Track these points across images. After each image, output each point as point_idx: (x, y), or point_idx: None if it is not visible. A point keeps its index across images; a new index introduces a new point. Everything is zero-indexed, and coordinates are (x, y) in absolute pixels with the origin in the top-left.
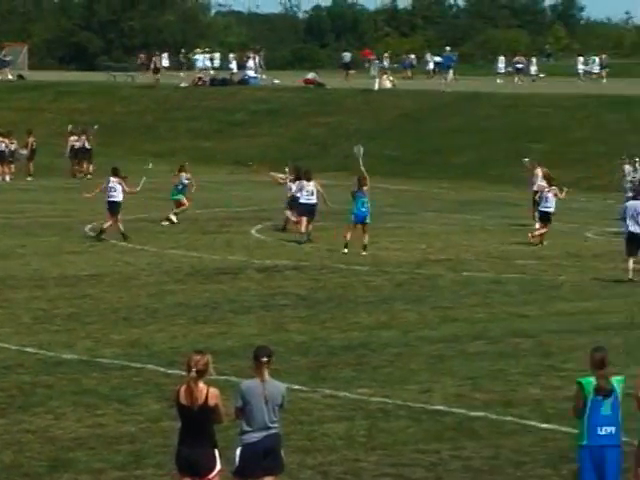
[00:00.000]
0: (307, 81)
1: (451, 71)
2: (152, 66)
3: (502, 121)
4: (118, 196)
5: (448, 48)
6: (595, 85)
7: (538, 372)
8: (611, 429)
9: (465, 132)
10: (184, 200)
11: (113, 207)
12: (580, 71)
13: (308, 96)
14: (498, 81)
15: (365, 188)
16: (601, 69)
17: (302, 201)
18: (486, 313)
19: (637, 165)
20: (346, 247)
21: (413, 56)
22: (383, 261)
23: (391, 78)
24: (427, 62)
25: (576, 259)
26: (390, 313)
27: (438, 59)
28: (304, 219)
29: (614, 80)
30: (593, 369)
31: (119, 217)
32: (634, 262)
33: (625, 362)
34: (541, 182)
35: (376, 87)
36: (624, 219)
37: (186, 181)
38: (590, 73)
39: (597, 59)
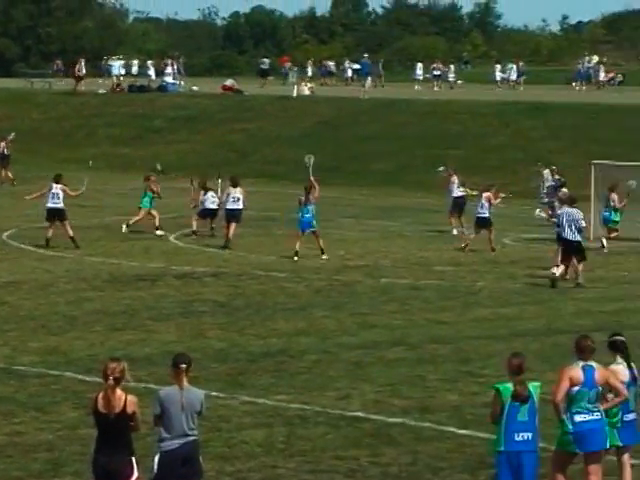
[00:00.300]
0: (225, 88)
1: (369, 78)
2: (76, 72)
3: (420, 128)
4: (60, 203)
5: (366, 55)
6: (512, 92)
7: (456, 378)
8: (528, 435)
9: (383, 139)
10: (144, 212)
11: (54, 214)
12: (498, 78)
13: (227, 103)
14: (416, 88)
15: (311, 197)
16: (518, 76)
17: (228, 207)
18: (405, 319)
19: (554, 173)
20: (296, 255)
21: (332, 63)
22: (301, 267)
23: (309, 85)
24: (345, 69)
25: (494, 265)
26: (309, 320)
27: (356, 66)
28: (232, 225)
29: (531, 87)
30: (510, 375)
31: (68, 223)
32: (567, 266)
33: (542, 368)
34: (458, 189)
35: (294, 94)
36: (558, 225)
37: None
38: (507, 80)
39: (514, 66)
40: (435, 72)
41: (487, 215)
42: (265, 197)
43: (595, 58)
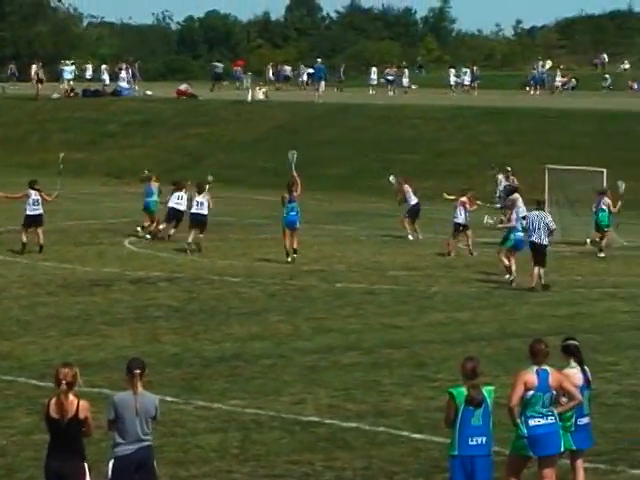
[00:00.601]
0: (180, 92)
1: (323, 82)
2: (36, 76)
3: (374, 132)
4: (40, 209)
5: (319, 60)
6: (467, 97)
7: (411, 382)
8: (482, 439)
9: (338, 143)
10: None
11: (35, 220)
12: (452, 83)
13: (181, 107)
14: (370, 92)
15: (295, 194)
16: (472, 81)
17: (193, 211)
18: (359, 324)
19: (509, 175)
20: (288, 255)
21: (288, 67)
22: (256, 272)
23: (264, 89)
24: (300, 74)
25: (448, 270)
26: (263, 324)
27: (311, 70)
28: (196, 230)
29: (485, 92)
30: (464, 379)
31: (42, 229)
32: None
33: (496, 372)
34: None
35: (249, 98)
36: (526, 230)
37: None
38: (461, 85)
39: (468, 71)
40: (389, 77)
41: (462, 221)
42: (219, 202)
43: (549, 63)
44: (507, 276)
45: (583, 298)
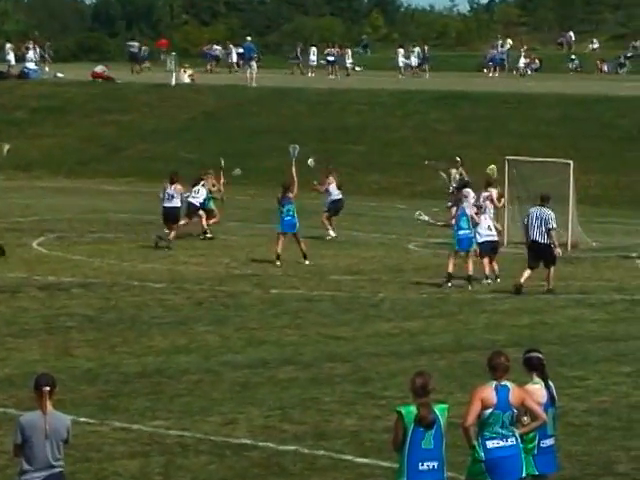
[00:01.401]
0: (95, 75)
1: (254, 63)
2: None
3: (314, 120)
4: None
5: (249, 38)
6: (417, 80)
7: (354, 400)
8: (433, 464)
9: (272, 132)
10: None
11: None
12: (400, 64)
13: (97, 92)
14: (310, 75)
15: (291, 194)
16: (423, 62)
17: (163, 205)
18: (297, 335)
19: (459, 166)
20: (278, 259)
21: (217, 47)
22: (181, 277)
23: (189, 72)
24: (230, 54)
25: (397, 274)
26: (189, 335)
27: (241, 50)
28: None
29: (438, 74)
30: (414, 397)
31: None
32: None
33: (450, 388)
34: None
35: (173, 82)
36: (527, 227)
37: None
38: (411, 66)
39: (417, 51)
40: (330, 57)
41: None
42: (140, 198)
43: (509, 42)
44: (449, 284)
45: (547, 305)
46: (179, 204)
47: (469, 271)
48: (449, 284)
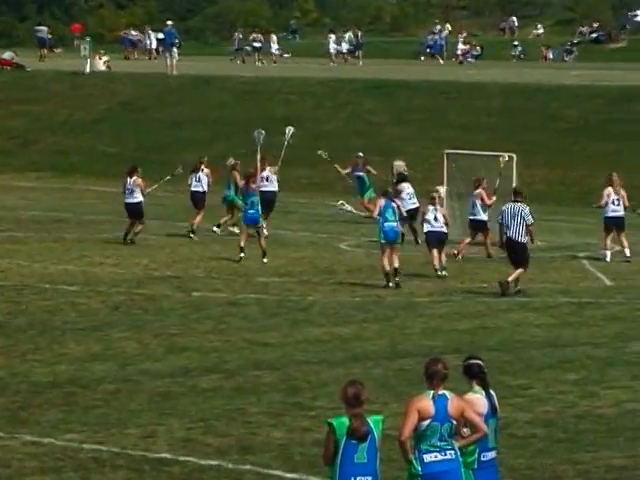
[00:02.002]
0: (3, 62)
1: (175, 49)
2: None
3: (239, 110)
4: None
5: (170, 22)
6: (350, 67)
7: (283, 411)
8: (367, 479)
9: (195, 123)
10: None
11: None
12: (332, 50)
13: (4, 80)
14: (238, 62)
15: (254, 185)
16: (356, 48)
17: (125, 200)
18: (221, 341)
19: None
20: (242, 252)
21: (134, 32)
22: (96, 279)
23: (105, 59)
24: (149, 40)
25: (328, 276)
26: (105, 342)
27: (161, 36)
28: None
29: (372, 61)
30: (346, 407)
31: None
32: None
33: (385, 398)
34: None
35: (87, 69)
36: (501, 225)
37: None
38: (343, 53)
39: (347, 36)
40: (255, 43)
41: (483, 218)
42: (52, 194)
43: (448, 27)
44: (390, 284)
45: (488, 309)
46: (141, 198)
47: (395, 264)
48: (390, 284)
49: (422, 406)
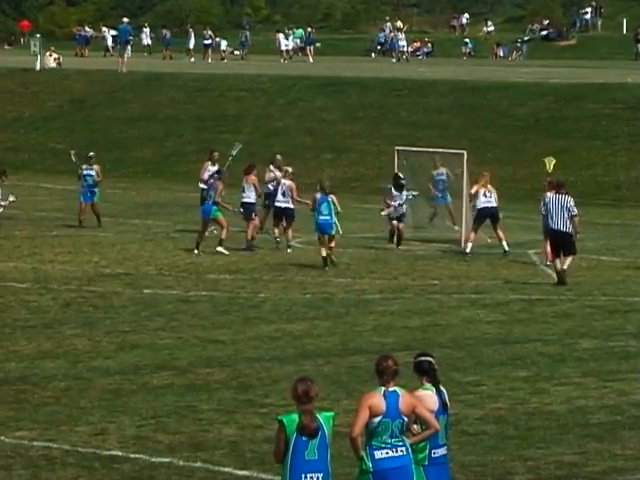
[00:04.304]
0: None
1: (129, 47)
2: None
3: (190, 107)
4: None
5: (125, 19)
6: (301, 65)
7: (234, 408)
8: (317, 475)
9: (146, 121)
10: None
11: None
12: (283, 48)
13: None
14: (192, 60)
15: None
16: (307, 45)
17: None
18: (172, 338)
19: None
20: (197, 248)
21: (89, 29)
22: (47, 276)
23: (56, 55)
24: (104, 37)
25: (278, 273)
26: (56, 339)
27: (114, 32)
28: None
29: (323, 59)
30: (297, 404)
31: None
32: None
33: (337, 395)
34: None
35: (38, 66)
36: (545, 216)
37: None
38: (294, 50)
39: (301, 32)
40: (206, 41)
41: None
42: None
43: (399, 24)
44: (326, 267)
45: (439, 306)
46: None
47: (326, 253)
48: (327, 268)
49: (373, 403)
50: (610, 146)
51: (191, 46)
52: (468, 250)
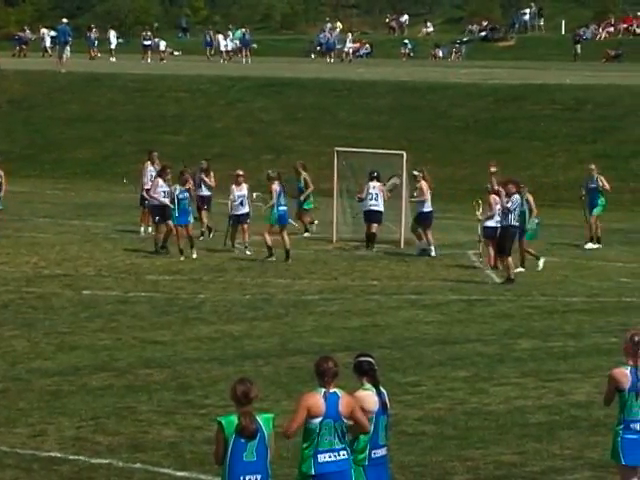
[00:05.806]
0: None
1: (68, 48)
2: None
3: (129, 108)
4: None
5: (65, 20)
6: (241, 66)
7: (173, 409)
8: (256, 477)
9: (85, 121)
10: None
11: None
12: (222, 48)
13: None
14: (143, 61)
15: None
16: (242, 46)
17: None
18: (111, 339)
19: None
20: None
21: (28, 33)
22: None
23: None
24: (43, 38)
25: (218, 274)
26: None
27: (54, 33)
28: None
29: (262, 59)
30: (236, 405)
31: None
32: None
33: (276, 396)
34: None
35: None
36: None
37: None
38: (231, 51)
39: (239, 33)
40: (145, 41)
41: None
42: None
43: (338, 25)
44: (271, 258)
45: (379, 307)
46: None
47: (287, 245)
48: (271, 258)
49: (313, 403)
50: (549, 147)
51: (112, 46)
52: (433, 253)
